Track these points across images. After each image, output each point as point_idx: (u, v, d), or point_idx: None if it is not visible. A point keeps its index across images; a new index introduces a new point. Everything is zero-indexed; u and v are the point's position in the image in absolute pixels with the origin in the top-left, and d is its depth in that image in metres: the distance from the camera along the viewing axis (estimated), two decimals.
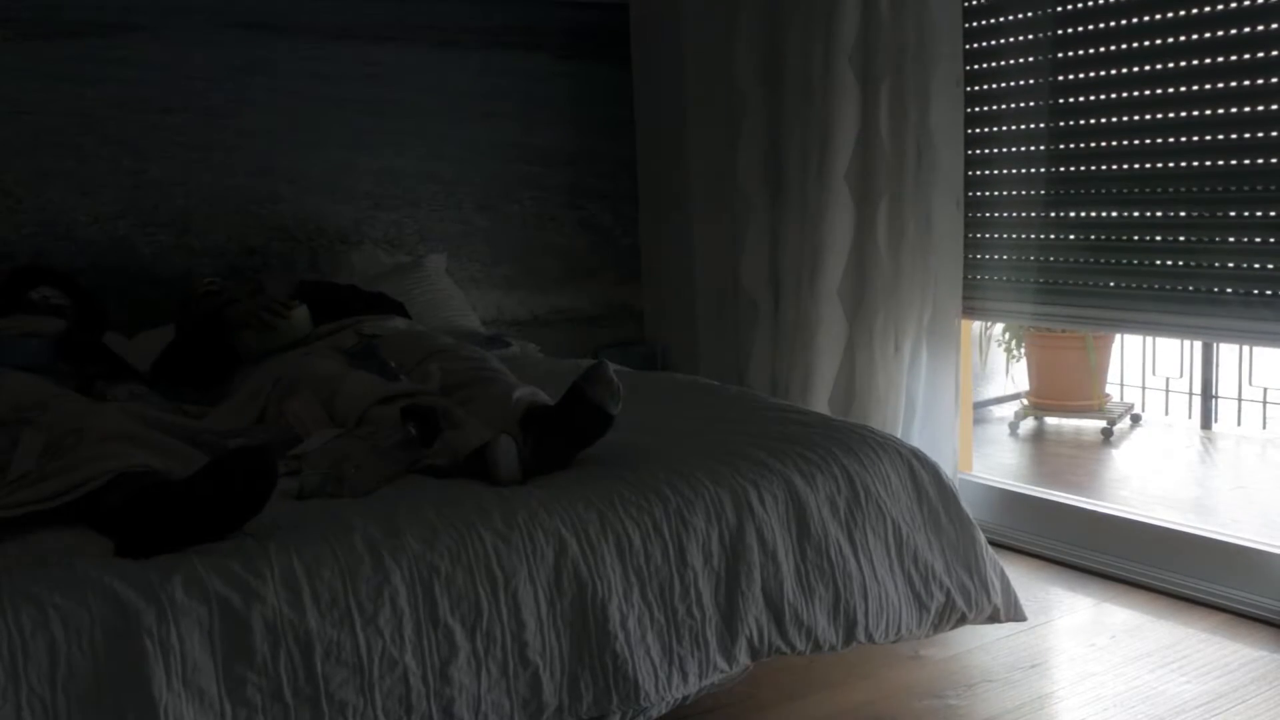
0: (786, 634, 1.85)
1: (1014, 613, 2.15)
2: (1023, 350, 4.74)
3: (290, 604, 1.51)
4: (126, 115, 3.14)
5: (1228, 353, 4.50)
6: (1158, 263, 2.68)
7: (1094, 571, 2.87)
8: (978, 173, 3.03)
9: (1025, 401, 4.66)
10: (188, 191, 3.23)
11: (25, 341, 2.39)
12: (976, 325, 4.59)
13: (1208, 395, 4.53)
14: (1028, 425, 4.64)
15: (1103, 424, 4.44)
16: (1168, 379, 4.70)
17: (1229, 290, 2.55)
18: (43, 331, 2.48)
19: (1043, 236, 2.91)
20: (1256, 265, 2.50)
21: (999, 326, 4.74)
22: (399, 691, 1.55)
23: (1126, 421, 4.60)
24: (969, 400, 3.39)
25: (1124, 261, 2.74)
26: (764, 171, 3.38)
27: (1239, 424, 4.51)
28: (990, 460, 4.14)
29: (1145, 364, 4.78)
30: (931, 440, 3.08)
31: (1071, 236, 2.85)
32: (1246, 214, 2.50)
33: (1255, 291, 2.50)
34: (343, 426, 2.02)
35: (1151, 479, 4.04)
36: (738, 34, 3.36)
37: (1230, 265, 2.54)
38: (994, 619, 2.13)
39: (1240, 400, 4.50)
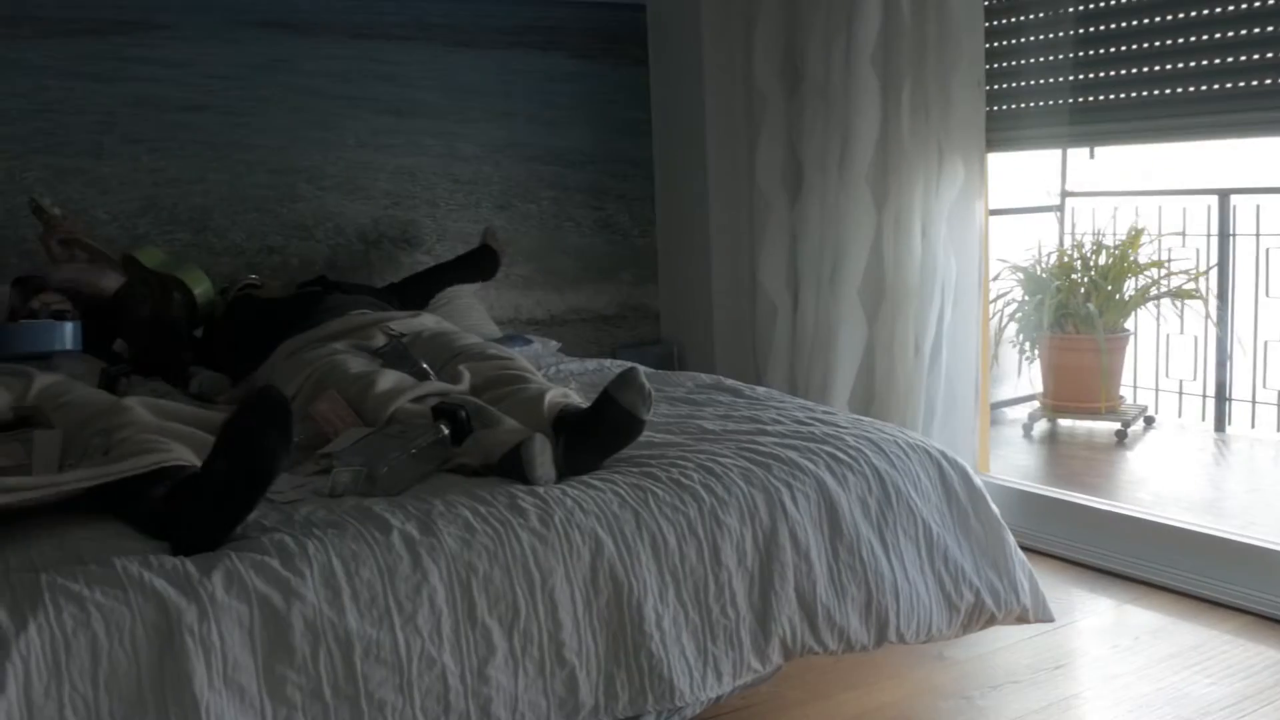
0: (819, 634, 1.84)
1: (1042, 613, 2.14)
2: (1036, 352, 4.74)
3: (330, 602, 1.51)
4: (146, 113, 3.15)
5: (1242, 355, 4.49)
6: (1181, 65, 2.62)
7: (1114, 573, 2.87)
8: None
9: (1040, 403, 4.66)
10: (206, 190, 3.23)
11: (59, 325, 2.39)
12: (989, 327, 4.59)
13: (1222, 397, 4.52)
14: (1040, 427, 4.64)
15: (1117, 426, 4.44)
16: (1181, 381, 4.69)
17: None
18: (68, 315, 2.48)
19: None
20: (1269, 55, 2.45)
21: (1012, 328, 4.74)
22: (437, 690, 1.55)
23: (1140, 424, 4.59)
24: (986, 402, 3.39)
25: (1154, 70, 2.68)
26: (783, 171, 3.38)
27: (1253, 426, 4.50)
28: (1005, 462, 4.14)
29: (1159, 366, 4.77)
30: (951, 442, 3.07)
31: None
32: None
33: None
34: (372, 425, 2.02)
35: (1167, 481, 4.04)
36: (757, 34, 3.36)
37: (1256, 56, 2.49)
38: (1022, 620, 2.13)
39: (1254, 403, 4.49)
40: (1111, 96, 2.77)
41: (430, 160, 3.53)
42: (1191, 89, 2.62)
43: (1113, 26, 2.75)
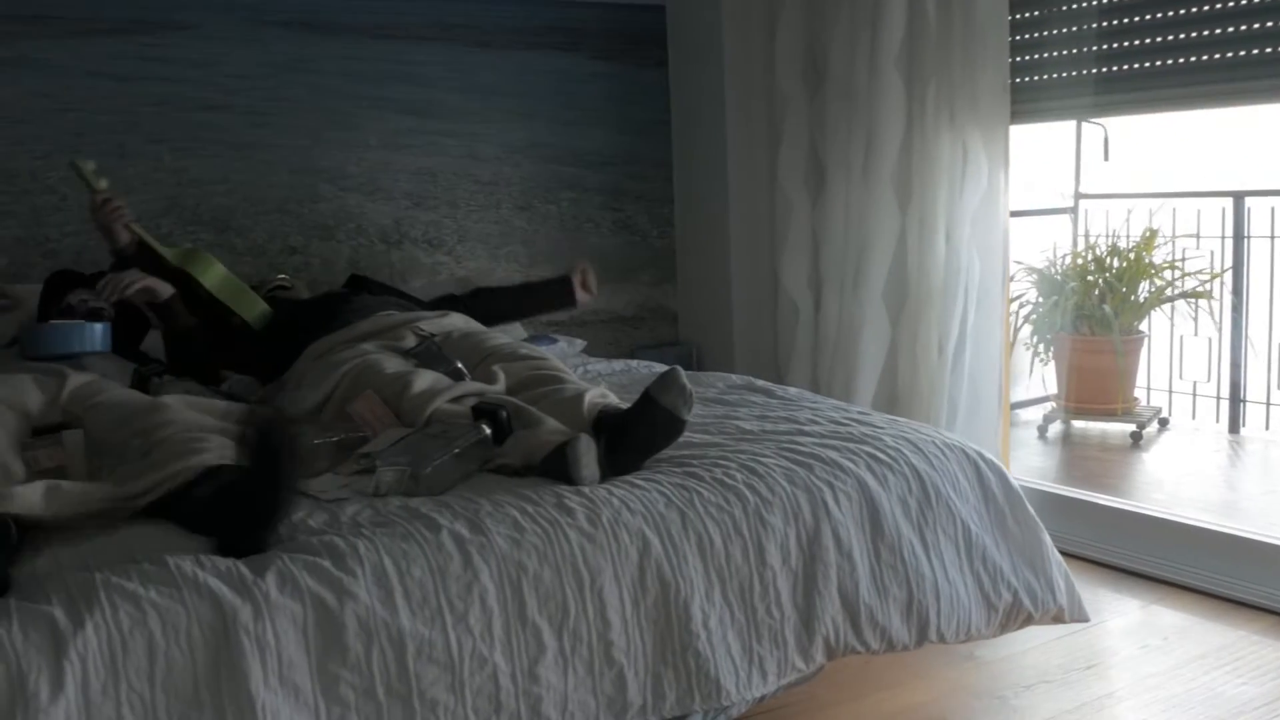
0: (862, 634, 1.85)
1: (1077, 613, 2.15)
2: (1050, 353, 4.75)
3: (383, 602, 1.51)
4: (168, 113, 3.15)
5: (1256, 357, 4.50)
6: (1205, 33, 2.61)
7: (1138, 573, 2.87)
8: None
9: (1055, 404, 4.67)
10: (229, 190, 3.23)
11: (89, 327, 2.38)
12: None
13: (1236, 399, 4.53)
14: (1055, 428, 4.65)
15: (1131, 428, 4.45)
16: (1195, 383, 4.70)
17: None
18: (103, 313, 2.47)
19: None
20: None
21: (1026, 330, 4.75)
22: (489, 690, 1.55)
23: (1155, 425, 4.60)
24: (1007, 403, 3.39)
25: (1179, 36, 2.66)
26: (805, 172, 3.38)
27: (1267, 428, 4.51)
28: (1021, 463, 4.14)
29: (1172, 368, 4.78)
30: (974, 443, 3.07)
31: None
32: None
33: None
34: (410, 425, 2.02)
35: (1183, 482, 4.05)
36: (779, 35, 3.36)
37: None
38: (1058, 619, 2.14)
39: (1269, 404, 4.49)
40: (1136, 65, 2.76)
41: (451, 161, 3.53)
42: (1217, 56, 2.60)
43: None
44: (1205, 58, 2.63)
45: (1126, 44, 2.78)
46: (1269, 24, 2.51)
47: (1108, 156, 4.76)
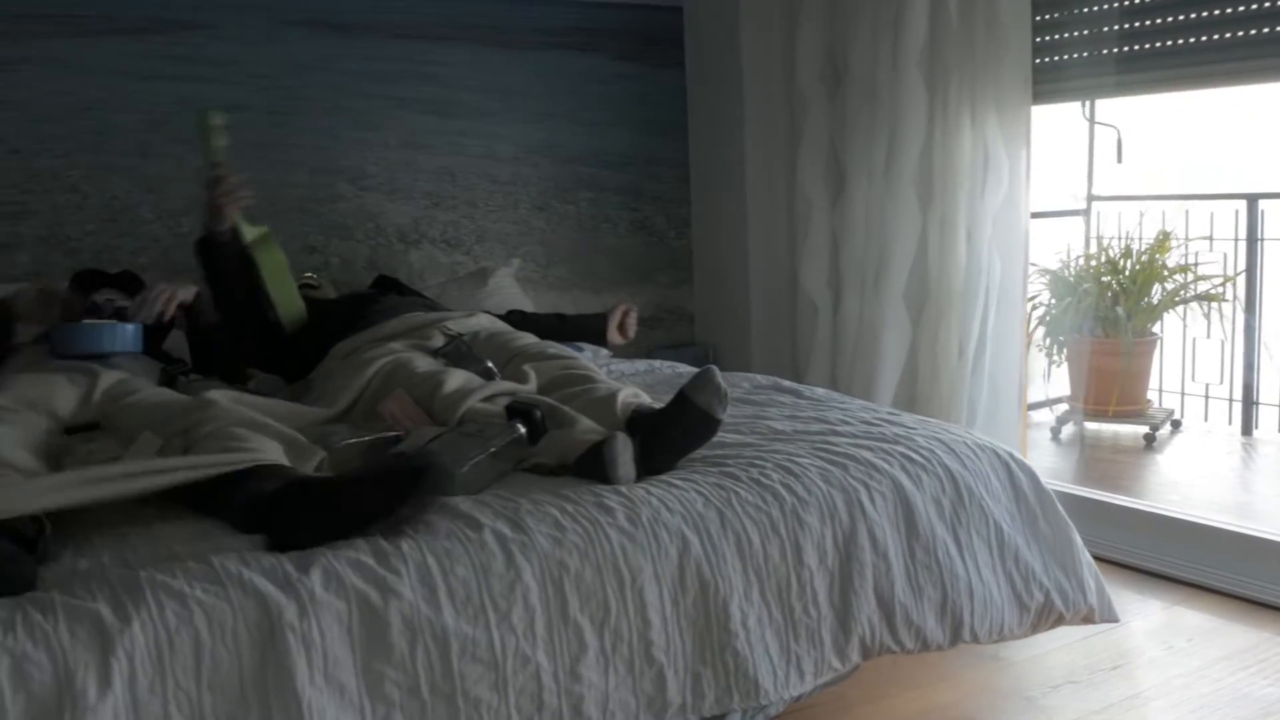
0: (897, 633, 1.85)
1: (1107, 614, 2.15)
2: (1063, 355, 4.75)
3: (427, 600, 1.51)
4: (189, 112, 3.13)
5: (1269, 359, 4.50)
6: (1229, 10, 2.59)
7: (1160, 575, 2.88)
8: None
9: (1068, 405, 4.67)
10: (249, 189, 3.22)
11: (122, 327, 2.37)
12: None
13: (1249, 401, 4.53)
14: (1068, 430, 4.65)
15: (1144, 430, 4.45)
16: (1207, 385, 4.70)
17: None
18: (128, 313, 2.47)
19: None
20: None
21: (1039, 331, 4.75)
22: (531, 689, 1.55)
23: (1167, 427, 4.60)
24: (1024, 405, 3.40)
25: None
26: (825, 173, 3.39)
27: None
28: (1035, 465, 4.11)
29: (1184, 370, 4.79)
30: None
31: None
32: None
33: None
34: (442, 425, 2.02)
35: (1197, 484, 4.05)
36: (800, 35, 3.36)
37: None
38: (1088, 620, 2.14)
39: None
40: (1159, 44, 2.73)
41: (470, 161, 3.54)
42: (1240, 33, 2.58)
43: None
44: (1229, 35, 2.60)
45: (1149, 22, 2.76)
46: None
47: (1121, 158, 4.77)
